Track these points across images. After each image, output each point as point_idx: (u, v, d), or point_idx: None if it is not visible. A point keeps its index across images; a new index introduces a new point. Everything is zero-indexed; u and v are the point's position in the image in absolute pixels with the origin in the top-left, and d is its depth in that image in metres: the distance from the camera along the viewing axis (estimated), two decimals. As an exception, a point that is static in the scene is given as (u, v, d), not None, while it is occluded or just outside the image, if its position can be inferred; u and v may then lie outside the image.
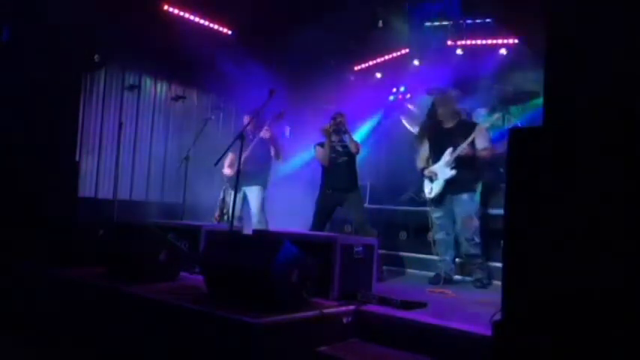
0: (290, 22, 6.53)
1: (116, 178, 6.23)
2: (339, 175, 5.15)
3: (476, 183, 4.71)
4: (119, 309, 3.39)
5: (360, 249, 3.61)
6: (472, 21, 6.93)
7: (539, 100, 6.18)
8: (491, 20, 6.75)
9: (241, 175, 4.45)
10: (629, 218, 1.87)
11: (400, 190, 6.78)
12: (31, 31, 5.21)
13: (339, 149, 5.17)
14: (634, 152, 1.89)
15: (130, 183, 7.20)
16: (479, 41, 6.99)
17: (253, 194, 5.69)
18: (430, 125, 5.03)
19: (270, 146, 5.62)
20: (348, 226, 5.58)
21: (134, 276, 3.69)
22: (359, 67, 8.24)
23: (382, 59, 8.01)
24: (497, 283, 4.41)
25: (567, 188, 2.02)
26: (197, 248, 4.43)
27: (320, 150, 5.24)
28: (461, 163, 4.59)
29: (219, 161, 4.72)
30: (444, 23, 7.05)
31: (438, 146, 4.78)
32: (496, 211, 5.06)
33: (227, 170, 5.71)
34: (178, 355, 2.95)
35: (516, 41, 6.58)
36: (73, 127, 6.06)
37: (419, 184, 5.23)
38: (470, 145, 4.57)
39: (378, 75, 8.19)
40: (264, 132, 5.46)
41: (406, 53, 7.71)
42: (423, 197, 5.03)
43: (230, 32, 7.24)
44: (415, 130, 7.18)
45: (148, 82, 7.45)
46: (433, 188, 4.74)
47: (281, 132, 5.91)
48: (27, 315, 3.99)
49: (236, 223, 4.75)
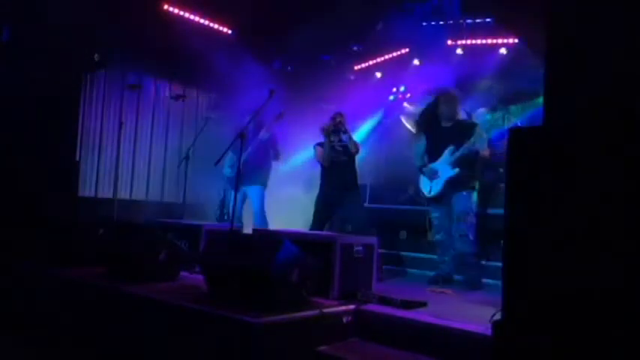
0: (290, 22, 6.52)
1: (116, 178, 6.24)
2: (339, 175, 5.15)
3: (474, 181, 4.72)
4: (119, 309, 3.39)
5: (360, 248, 3.61)
6: (472, 21, 6.93)
7: (539, 100, 6.18)
8: (491, 20, 6.75)
9: (241, 175, 4.45)
10: (629, 218, 1.87)
11: (400, 190, 6.77)
12: (31, 31, 5.22)
13: (339, 149, 5.17)
14: (634, 152, 1.89)
15: (130, 182, 7.21)
16: (479, 41, 6.98)
17: (253, 194, 5.69)
18: (428, 121, 4.99)
19: (271, 145, 5.62)
20: (348, 226, 5.58)
21: (134, 276, 3.69)
22: (359, 67, 8.22)
23: (382, 59, 7.99)
24: (498, 283, 4.40)
25: (567, 188, 2.02)
26: (197, 248, 4.43)
27: (319, 150, 5.24)
28: (462, 163, 4.59)
29: (219, 161, 4.73)
30: (444, 23, 7.05)
31: (436, 144, 4.76)
32: (496, 211, 5.06)
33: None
34: (178, 355, 2.95)
35: (516, 41, 6.58)
36: (73, 127, 6.07)
37: (418, 184, 5.22)
38: (471, 145, 4.56)
39: (378, 74, 8.19)
40: (263, 133, 5.46)
41: (406, 53, 7.71)
42: (423, 196, 5.02)
43: (230, 32, 7.24)
44: (415, 130, 7.17)
45: (148, 82, 7.45)
46: (433, 187, 4.72)
47: (281, 132, 5.90)
48: (27, 315, 3.99)
49: (236, 223, 4.75)
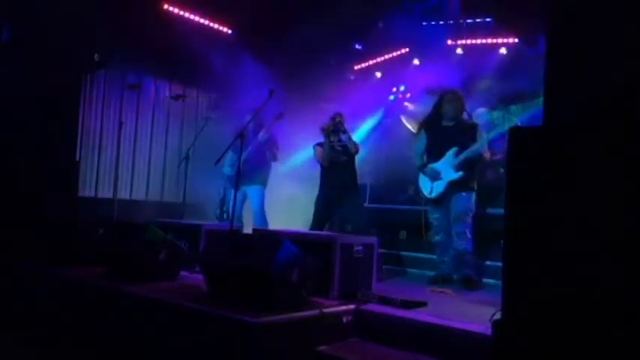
0: (290, 22, 6.52)
1: (116, 178, 6.24)
2: (339, 175, 5.15)
3: (474, 182, 4.68)
4: (119, 309, 3.39)
5: (360, 248, 3.61)
6: (472, 21, 6.92)
7: (539, 100, 6.18)
8: (491, 20, 6.74)
9: (241, 175, 4.45)
10: (629, 218, 1.87)
11: (400, 190, 6.77)
12: (31, 31, 5.21)
13: (338, 149, 5.17)
14: (634, 152, 1.89)
15: (130, 182, 7.21)
16: (479, 41, 6.98)
17: (253, 193, 5.69)
18: (430, 120, 4.91)
19: (269, 146, 5.62)
20: (348, 226, 5.58)
21: (134, 276, 3.69)
22: (359, 67, 8.22)
23: (382, 59, 7.99)
24: (498, 283, 4.40)
25: (567, 188, 2.02)
26: (197, 247, 4.43)
27: (319, 150, 5.24)
28: (465, 165, 4.55)
29: (219, 160, 4.73)
30: (444, 23, 7.05)
31: (437, 143, 4.72)
32: (496, 211, 5.05)
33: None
34: (178, 355, 2.95)
35: (516, 41, 6.58)
36: (73, 127, 6.07)
37: (418, 184, 5.20)
38: (477, 149, 4.53)
39: (378, 74, 8.18)
40: (262, 134, 5.47)
41: (406, 53, 7.70)
42: (423, 197, 5.00)
43: (230, 32, 7.23)
44: (415, 130, 7.15)
45: (148, 82, 7.44)
46: (434, 188, 4.68)
47: (281, 132, 5.90)
48: (27, 315, 3.99)
49: (236, 223, 4.75)
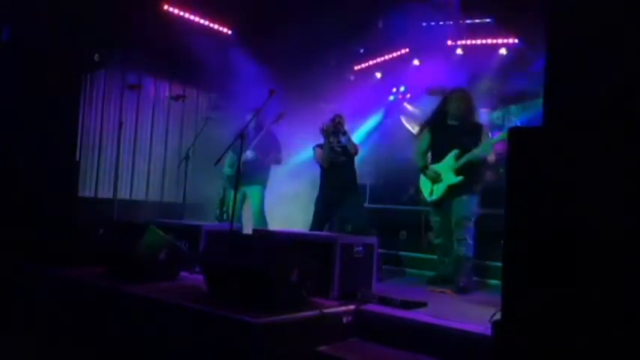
0: (290, 22, 6.53)
1: (116, 178, 6.24)
2: (338, 176, 5.15)
3: (477, 185, 4.52)
4: (119, 309, 3.39)
5: (360, 248, 3.61)
6: (472, 21, 6.92)
7: (539, 100, 6.18)
8: (491, 20, 6.74)
9: (241, 175, 4.45)
10: (629, 218, 1.87)
11: (400, 190, 6.77)
12: (31, 31, 5.21)
13: (338, 150, 5.17)
14: (634, 152, 1.89)
15: (130, 182, 7.21)
16: (479, 41, 6.98)
17: (253, 194, 5.69)
18: (435, 119, 4.77)
19: (269, 146, 5.63)
20: (348, 226, 5.58)
21: (134, 276, 3.69)
22: (359, 67, 8.22)
23: (382, 59, 7.98)
24: (498, 283, 4.39)
25: (567, 188, 2.02)
26: (197, 248, 4.43)
27: (319, 151, 5.24)
28: (466, 169, 4.41)
29: (219, 160, 4.72)
30: (444, 23, 7.05)
31: (440, 143, 4.60)
32: (496, 211, 5.03)
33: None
34: (178, 355, 2.95)
35: (516, 41, 6.58)
36: (73, 127, 6.08)
37: (418, 184, 5.16)
38: (479, 153, 4.39)
39: (378, 75, 8.18)
40: (261, 135, 5.48)
41: (406, 53, 7.70)
42: (423, 198, 4.96)
43: (230, 32, 7.24)
44: (415, 130, 7.14)
45: (148, 82, 7.44)
46: (434, 191, 4.57)
47: (281, 133, 5.91)
48: (27, 315, 3.99)
49: (236, 223, 4.75)
